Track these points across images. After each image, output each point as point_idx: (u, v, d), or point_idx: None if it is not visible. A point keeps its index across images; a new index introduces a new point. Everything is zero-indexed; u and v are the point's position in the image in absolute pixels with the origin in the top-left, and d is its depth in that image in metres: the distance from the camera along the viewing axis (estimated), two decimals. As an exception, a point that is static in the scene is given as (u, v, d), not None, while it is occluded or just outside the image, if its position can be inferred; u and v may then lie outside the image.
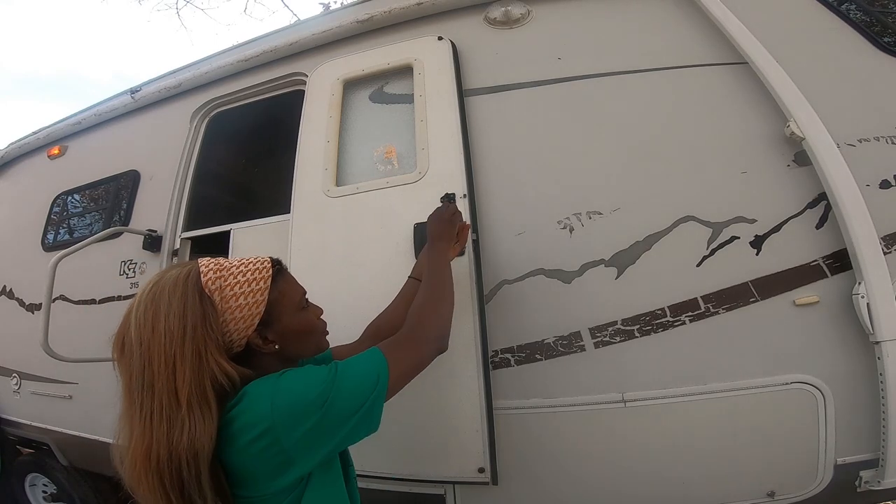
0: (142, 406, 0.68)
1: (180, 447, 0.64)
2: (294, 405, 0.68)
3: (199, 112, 2.13)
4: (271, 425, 0.66)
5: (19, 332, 2.35)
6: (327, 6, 6.08)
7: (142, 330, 0.69)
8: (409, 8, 1.68)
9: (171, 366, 0.67)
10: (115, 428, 0.73)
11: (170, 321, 0.69)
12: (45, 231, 2.50)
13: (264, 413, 0.67)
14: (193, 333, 0.69)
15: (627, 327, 1.27)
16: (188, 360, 0.67)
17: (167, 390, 0.67)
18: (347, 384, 0.73)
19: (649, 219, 1.30)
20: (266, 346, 0.78)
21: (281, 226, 1.73)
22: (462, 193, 1.41)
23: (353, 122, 1.67)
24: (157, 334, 0.68)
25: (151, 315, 0.70)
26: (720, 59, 1.37)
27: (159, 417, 0.66)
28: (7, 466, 2.64)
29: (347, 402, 0.72)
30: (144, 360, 0.68)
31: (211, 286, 0.73)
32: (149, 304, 0.71)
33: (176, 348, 0.68)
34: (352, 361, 0.78)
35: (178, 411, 0.66)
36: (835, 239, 1.19)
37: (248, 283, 0.76)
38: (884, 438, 1.11)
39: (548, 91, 1.49)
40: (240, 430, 0.67)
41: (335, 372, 0.74)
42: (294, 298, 0.83)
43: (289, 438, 0.67)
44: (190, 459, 0.64)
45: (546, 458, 1.31)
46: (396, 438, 1.34)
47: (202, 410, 0.67)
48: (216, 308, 0.72)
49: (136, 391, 0.68)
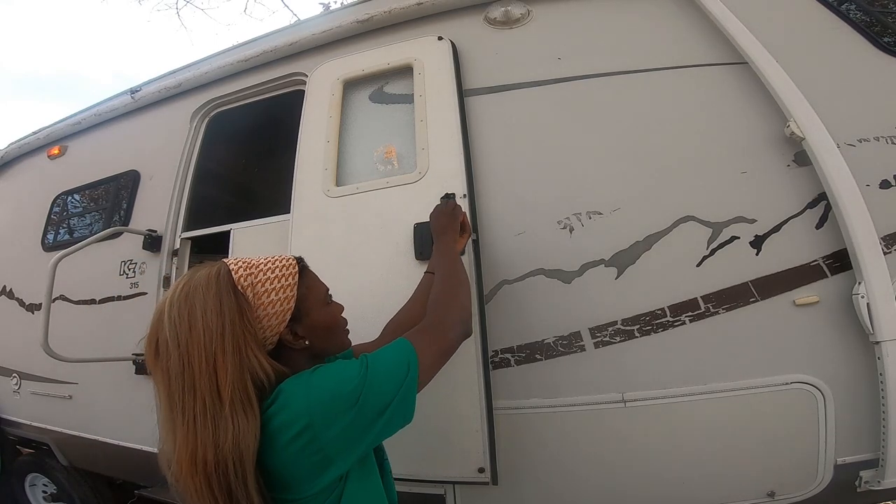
0: (184, 409, 0.66)
1: (226, 449, 0.63)
2: (330, 401, 0.68)
3: (199, 112, 2.13)
4: (309, 423, 0.66)
5: (19, 332, 2.36)
6: (327, 6, 6.09)
7: (178, 330, 0.68)
8: (409, 8, 1.68)
9: (212, 363, 0.66)
10: (158, 435, 0.71)
11: (208, 318, 0.68)
12: (45, 231, 2.50)
13: (301, 411, 0.66)
14: (233, 329, 0.68)
15: (627, 327, 1.27)
16: (229, 356, 0.67)
17: (210, 390, 0.66)
18: (379, 376, 0.72)
19: (649, 219, 1.30)
20: (297, 341, 0.79)
21: (281, 226, 1.73)
22: (462, 193, 1.40)
23: (353, 122, 1.67)
24: (196, 332, 0.67)
25: (187, 314, 0.69)
26: (720, 59, 1.37)
27: (203, 419, 0.65)
28: (7, 466, 2.64)
29: (381, 394, 0.71)
30: (184, 360, 0.67)
31: (243, 282, 0.73)
32: (183, 304, 0.70)
33: (217, 345, 0.67)
34: (381, 353, 0.77)
35: (221, 411, 0.65)
36: (835, 239, 1.19)
37: (277, 278, 0.77)
38: (884, 438, 1.11)
39: (548, 91, 1.49)
40: (277, 430, 0.67)
41: (366, 365, 0.73)
42: (320, 294, 0.85)
43: (326, 435, 0.66)
44: (236, 461, 0.64)
45: (546, 459, 1.31)
46: (396, 438, 1.33)
47: (245, 409, 0.66)
48: (250, 304, 0.72)
49: (177, 393, 0.67)
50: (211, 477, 0.64)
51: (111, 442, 2.01)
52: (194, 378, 0.66)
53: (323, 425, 0.66)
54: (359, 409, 0.68)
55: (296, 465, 0.67)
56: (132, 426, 1.94)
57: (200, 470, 0.64)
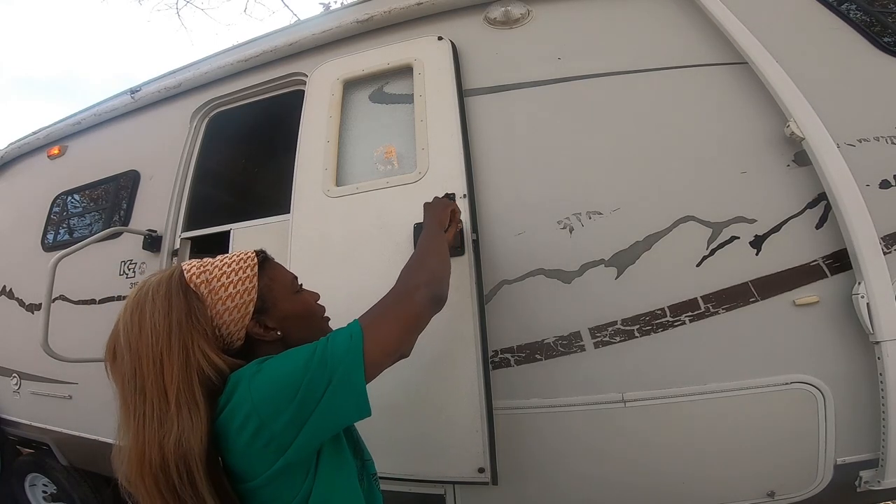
0: (135, 410, 0.67)
1: (169, 448, 0.64)
2: (272, 382, 0.67)
3: (199, 112, 2.13)
4: (252, 407, 0.65)
5: (19, 332, 2.35)
6: (327, 6, 6.09)
7: (129, 334, 0.70)
8: (409, 8, 1.68)
9: (158, 364, 0.67)
10: (116, 435, 0.72)
11: (155, 319, 0.69)
12: (45, 231, 2.50)
13: (244, 395, 0.66)
14: (179, 328, 0.69)
15: (627, 327, 1.27)
16: (175, 355, 0.67)
17: (157, 391, 0.66)
18: (323, 355, 0.69)
19: (649, 219, 1.30)
20: (267, 333, 0.78)
21: (281, 226, 1.73)
22: (462, 193, 1.40)
23: (353, 122, 1.67)
24: (144, 334, 0.69)
25: (138, 318, 0.70)
26: (720, 59, 1.37)
27: (150, 419, 0.66)
28: (7, 466, 2.64)
29: (322, 371, 0.68)
30: (134, 362, 0.68)
31: (196, 280, 0.74)
32: (134, 308, 0.71)
33: (163, 345, 0.68)
34: (330, 334, 0.74)
35: (167, 412, 0.66)
36: (835, 239, 1.19)
37: (234, 272, 0.77)
38: (884, 438, 1.11)
39: (548, 91, 1.48)
40: (228, 420, 0.67)
41: (315, 347, 0.71)
42: (285, 282, 0.83)
43: (275, 421, 0.65)
44: (179, 460, 0.63)
45: (546, 459, 1.31)
46: (396, 438, 1.34)
47: (190, 408, 0.66)
48: (203, 301, 0.73)
49: (129, 395, 0.68)
50: (158, 477, 0.64)
51: (111, 442, 2.00)
52: (144, 380, 0.67)
53: (270, 416, 0.65)
54: (303, 394, 0.66)
55: (249, 454, 0.66)
56: (132, 426, 1.94)
57: (147, 471, 0.64)
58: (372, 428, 1.11)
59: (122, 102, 2.35)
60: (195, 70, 2.15)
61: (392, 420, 1.33)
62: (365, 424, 1.08)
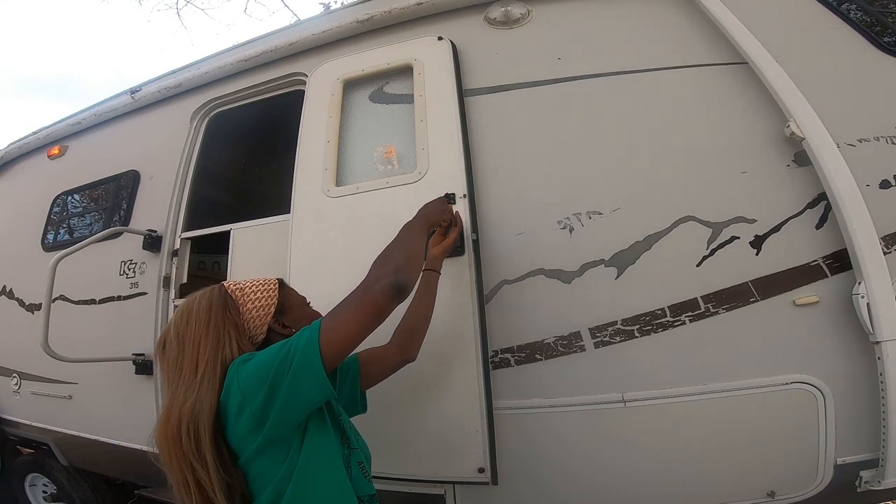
0: (171, 383, 0.85)
1: (185, 411, 0.79)
2: (254, 367, 0.82)
3: (199, 112, 2.13)
4: (238, 387, 0.80)
5: (19, 332, 2.35)
6: (327, 6, 6.09)
7: (178, 326, 0.90)
8: (408, 8, 1.68)
9: (196, 345, 0.86)
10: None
11: (199, 313, 0.90)
12: (45, 231, 2.50)
13: (234, 377, 0.82)
14: (215, 319, 0.89)
15: (627, 327, 1.27)
16: (210, 338, 0.86)
17: (191, 365, 0.84)
18: (289, 345, 0.82)
19: (649, 219, 1.30)
20: (284, 330, 0.98)
21: (281, 226, 1.73)
22: (462, 193, 1.40)
23: (353, 122, 1.67)
24: (190, 324, 0.88)
25: (186, 314, 0.91)
26: (720, 59, 1.37)
27: (180, 388, 0.83)
28: (7, 466, 2.64)
29: (287, 358, 0.80)
30: (180, 346, 0.87)
31: (232, 288, 0.97)
32: (184, 309, 0.93)
33: (202, 331, 0.87)
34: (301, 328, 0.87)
35: (193, 381, 0.82)
36: (835, 239, 1.19)
37: (261, 285, 1.00)
38: (884, 438, 1.11)
39: (548, 91, 1.48)
40: (225, 397, 0.81)
41: (289, 339, 0.84)
42: (298, 297, 1.06)
43: (253, 399, 0.78)
44: (190, 423, 0.78)
45: (546, 458, 1.32)
46: (396, 438, 1.34)
47: (210, 379, 0.82)
48: (236, 302, 0.94)
49: (171, 373, 0.86)
50: (174, 438, 0.79)
51: (111, 442, 2.01)
52: (183, 358, 0.86)
53: (250, 394, 0.79)
54: (273, 377, 0.78)
55: (237, 429, 0.80)
56: (132, 426, 1.94)
57: (168, 432, 0.79)
58: (372, 428, 1.12)
59: (122, 102, 2.35)
60: (195, 70, 2.15)
61: (392, 420, 1.33)
62: (365, 424, 1.09)
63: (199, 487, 0.78)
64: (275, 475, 0.80)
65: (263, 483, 0.80)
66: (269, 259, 1.72)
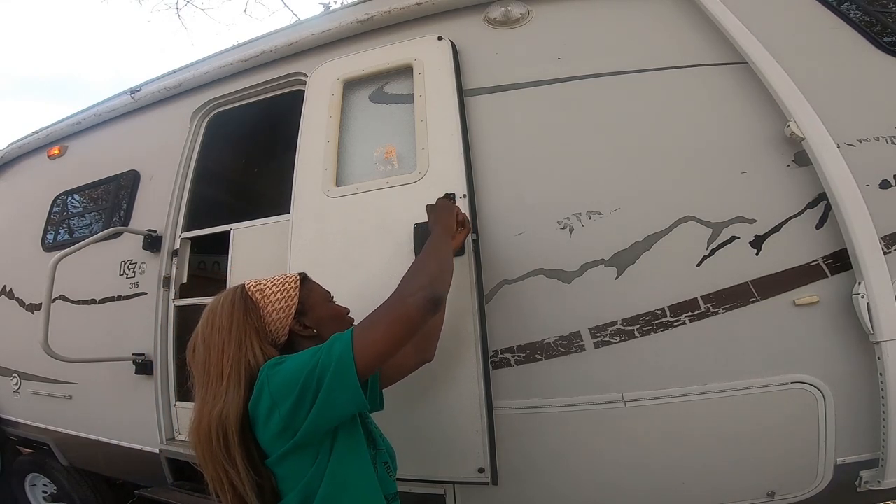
0: (200, 388, 0.87)
1: (213, 416, 0.81)
2: (284, 373, 0.82)
3: (199, 112, 2.13)
4: (269, 392, 0.80)
5: (19, 332, 2.35)
6: (327, 6, 6.08)
7: (204, 331, 0.91)
8: (408, 8, 1.68)
9: (220, 351, 0.87)
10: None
11: (222, 319, 0.90)
12: (45, 231, 2.50)
13: (264, 381, 0.82)
14: (237, 324, 0.89)
15: (627, 327, 1.27)
16: (233, 344, 0.87)
17: (216, 372, 0.86)
18: (321, 356, 0.82)
19: (649, 219, 1.30)
20: (305, 331, 0.97)
21: (281, 226, 1.73)
22: (462, 193, 1.40)
23: (353, 122, 1.67)
24: (214, 330, 0.90)
25: (210, 319, 0.92)
26: (720, 59, 1.37)
27: (208, 395, 0.85)
28: (7, 466, 2.64)
29: (319, 370, 0.80)
30: (206, 352, 0.88)
31: (253, 289, 0.96)
32: (209, 313, 0.93)
33: (225, 336, 0.88)
34: (333, 336, 0.86)
35: (220, 387, 0.84)
36: (835, 239, 1.19)
37: (281, 284, 0.98)
38: (884, 438, 1.11)
39: (548, 91, 1.48)
40: (255, 401, 0.82)
41: (320, 348, 0.83)
42: (320, 293, 1.04)
43: (282, 405, 0.79)
44: (219, 427, 0.81)
45: (546, 458, 1.32)
46: (396, 438, 1.33)
47: (235, 386, 0.84)
48: (257, 304, 0.93)
49: (200, 378, 0.88)
50: (206, 441, 0.81)
51: (111, 442, 2.01)
52: (210, 365, 0.87)
53: (279, 399, 0.80)
54: (303, 386, 0.79)
55: (267, 432, 0.81)
56: (132, 426, 1.95)
57: (200, 437, 0.82)
58: (372, 428, 1.12)
59: (122, 102, 2.35)
60: (195, 70, 2.15)
61: (392, 420, 1.33)
62: (365, 424, 1.08)
63: (233, 487, 0.82)
64: (303, 476, 0.82)
65: (292, 483, 0.83)
66: (269, 259, 1.72)
